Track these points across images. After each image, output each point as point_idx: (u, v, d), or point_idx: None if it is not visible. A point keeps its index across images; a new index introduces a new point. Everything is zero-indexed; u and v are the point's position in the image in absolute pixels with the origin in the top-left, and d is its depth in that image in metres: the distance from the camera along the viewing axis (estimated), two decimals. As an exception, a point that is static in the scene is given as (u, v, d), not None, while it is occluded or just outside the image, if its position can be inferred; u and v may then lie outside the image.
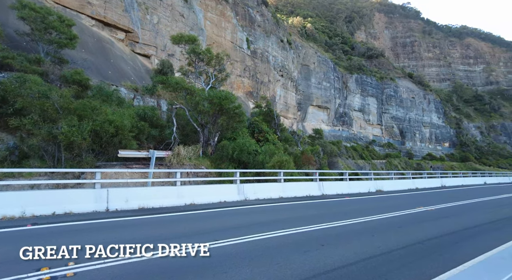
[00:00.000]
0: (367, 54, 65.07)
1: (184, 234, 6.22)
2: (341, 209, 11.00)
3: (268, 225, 7.47)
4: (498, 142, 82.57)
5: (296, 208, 11.02)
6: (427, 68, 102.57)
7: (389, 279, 4.34)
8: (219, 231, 6.63)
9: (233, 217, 8.66)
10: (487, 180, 30.97)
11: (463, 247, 6.27)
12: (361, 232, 7.28)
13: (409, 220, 9.25)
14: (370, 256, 5.30)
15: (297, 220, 8.21)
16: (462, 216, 10.44)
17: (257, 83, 33.07)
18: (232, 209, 9.86)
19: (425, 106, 66.80)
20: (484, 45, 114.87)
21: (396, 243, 6.28)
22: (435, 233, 7.49)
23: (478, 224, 8.98)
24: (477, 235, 7.51)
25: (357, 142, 51.25)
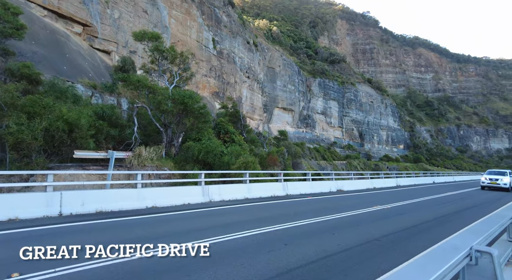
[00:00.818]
0: (329, 59, 67.62)
1: (140, 238, 5.95)
2: (304, 209, 11.25)
3: (232, 226, 7.41)
4: (444, 144, 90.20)
5: (261, 208, 11.07)
6: (384, 74, 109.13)
7: (349, 274, 4.50)
8: (179, 234, 6.44)
9: (196, 219, 8.47)
10: (435, 180, 33.61)
11: (414, 242, 6.71)
12: (323, 231, 7.49)
13: (367, 218, 9.71)
14: (331, 254, 5.46)
15: (262, 221, 8.24)
16: (414, 213, 11.19)
17: (223, 84, 32.87)
18: (196, 211, 9.64)
19: (383, 110, 70.93)
20: (433, 55, 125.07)
21: (355, 241, 6.55)
22: (391, 229, 7.94)
23: (428, 220, 9.68)
24: (427, 230, 8.09)
25: (320, 144, 52.96)
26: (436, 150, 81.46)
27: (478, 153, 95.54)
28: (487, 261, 1.85)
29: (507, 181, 21.24)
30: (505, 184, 21.20)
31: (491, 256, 1.83)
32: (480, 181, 23.27)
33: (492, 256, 1.83)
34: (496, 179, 21.83)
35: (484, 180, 22.60)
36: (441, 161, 74.67)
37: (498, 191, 21.12)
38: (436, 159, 74.89)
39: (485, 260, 1.85)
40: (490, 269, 1.83)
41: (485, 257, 1.86)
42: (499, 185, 21.34)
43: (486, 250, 1.85)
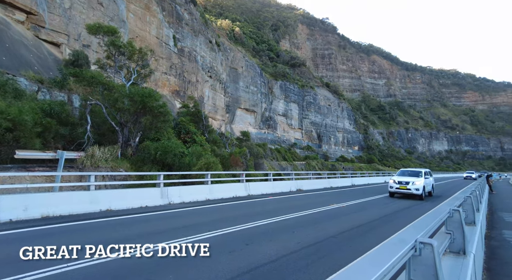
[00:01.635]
0: (290, 63, 69.37)
1: (88, 243, 5.59)
2: (265, 208, 11.40)
3: (193, 228, 7.28)
4: (395, 146, 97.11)
5: (222, 209, 11.01)
6: (341, 79, 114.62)
7: (307, 271, 4.66)
8: (136, 238, 6.17)
9: (154, 222, 8.17)
10: (386, 179, 36.04)
11: (368, 238, 7.14)
12: (283, 230, 7.66)
13: (325, 216, 10.12)
14: (292, 252, 5.61)
15: (223, 221, 8.21)
16: (367, 210, 11.89)
17: (185, 83, 32.10)
18: (154, 214, 9.30)
19: (339, 113, 74.42)
20: (386, 63, 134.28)
21: (314, 238, 6.80)
22: (346, 227, 8.36)
23: (380, 216, 10.36)
24: (379, 227, 8.65)
25: (281, 145, 54.05)
26: (387, 152, 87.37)
27: (423, 154, 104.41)
28: (428, 251, 2.04)
29: (419, 185, 15.88)
30: (417, 189, 15.76)
31: (432, 247, 2.02)
32: (388, 185, 17.24)
33: (432, 246, 2.02)
34: (406, 182, 16.19)
35: (393, 184, 16.68)
36: (392, 162, 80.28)
37: (408, 199, 15.86)
38: (387, 160, 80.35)
39: (427, 251, 2.04)
40: (431, 258, 2.02)
41: (427, 248, 2.04)
42: (410, 191, 15.87)
43: (428, 241, 2.03)
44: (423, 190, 15.77)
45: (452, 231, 3.75)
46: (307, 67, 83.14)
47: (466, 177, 48.04)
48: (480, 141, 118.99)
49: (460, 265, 3.32)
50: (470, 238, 4.63)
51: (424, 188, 15.95)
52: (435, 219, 3.04)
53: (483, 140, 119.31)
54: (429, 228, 2.67)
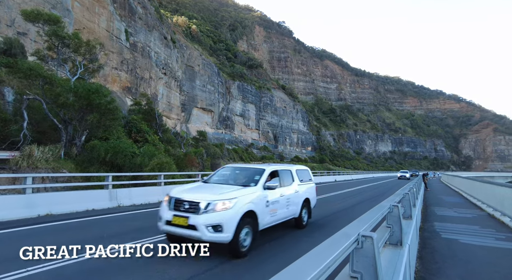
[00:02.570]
0: (248, 64, 69.90)
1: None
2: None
3: (146, 231, 6.98)
4: (345, 147, 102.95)
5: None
6: (296, 82, 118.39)
7: (259, 268, 4.73)
8: (77, 245, 5.73)
9: (98, 227, 7.66)
10: (337, 178, 38.06)
11: (321, 234, 7.48)
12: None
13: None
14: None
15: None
16: (319, 208, 12.45)
17: (137, 79, 30.58)
18: (101, 218, 8.72)
19: (294, 115, 76.83)
20: (337, 68, 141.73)
21: (266, 238, 6.93)
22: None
23: (331, 213, 10.91)
24: (331, 223, 9.10)
25: (238, 145, 54.19)
26: (338, 152, 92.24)
27: (370, 155, 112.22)
28: (369, 244, 2.20)
29: None
30: None
31: (372, 239, 2.19)
32: None
33: (372, 239, 2.19)
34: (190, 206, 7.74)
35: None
36: (342, 162, 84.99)
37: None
38: (338, 160, 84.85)
39: (368, 243, 2.20)
40: (371, 250, 2.18)
41: (368, 241, 2.21)
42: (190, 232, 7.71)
43: (368, 234, 2.20)
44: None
45: (392, 225, 4.09)
46: (264, 69, 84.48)
47: (400, 177, 46.41)
48: (419, 143, 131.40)
49: (398, 255, 3.64)
50: (407, 231, 5.09)
51: None
52: (377, 214, 3.29)
53: (420, 142, 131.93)
54: (371, 223, 2.88)
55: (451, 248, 6.95)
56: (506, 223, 9.97)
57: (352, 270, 2.25)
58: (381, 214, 3.54)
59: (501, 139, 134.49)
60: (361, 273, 2.21)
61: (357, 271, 2.23)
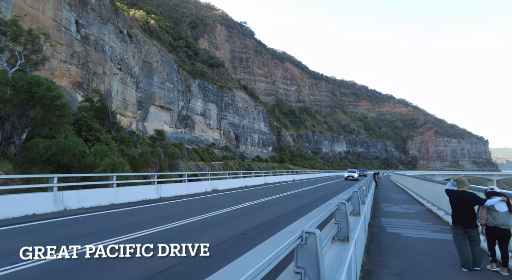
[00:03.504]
0: (209, 62, 69.01)
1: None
2: (177, 210, 11.05)
3: (91, 236, 6.56)
4: (303, 147, 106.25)
5: (129, 214, 10.22)
6: (258, 83, 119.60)
7: (211, 269, 4.69)
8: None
9: (40, 233, 7.05)
10: (295, 177, 39.17)
11: (274, 231, 7.62)
12: (194, 230, 7.56)
13: (237, 214, 10.39)
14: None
15: (127, 227, 7.63)
16: (276, 206, 12.69)
17: (89, 74, 28.60)
18: (42, 223, 8.03)
19: (256, 115, 77.53)
20: (297, 71, 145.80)
21: (225, 236, 6.91)
22: (257, 223, 8.75)
23: (287, 212, 11.18)
24: (285, 221, 9.32)
25: (198, 145, 53.25)
26: (297, 152, 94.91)
27: (326, 155, 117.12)
28: (312, 240, 2.29)
29: None
30: None
31: (315, 235, 2.28)
32: None
33: (315, 235, 2.28)
34: None
35: None
36: (301, 161, 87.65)
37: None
38: (297, 160, 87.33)
39: (311, 239, 2.29)
40: (314, 245, 2.28)
41: (311, 237, 2.29)
42: None
43: (311, 231, 2.29)
44: None
45: (340, 222, 4.30)
46: (226, 68, 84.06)
47: (347, 177, 39.07)
48: (371, 143, 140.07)
49: (344, 250, 3.84)
50: (355, 227, 5.39)
51: None
52: (323, 211, 3.44)
53: (373, 143, 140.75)
54: (317, 219, 3.00)
55: (394, 242, 7.51)
56: (441, 216, 11.03)
57: (297, 266, 2.32)
58: (328, 211, 3.70)
59: (441, 141, 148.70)
60: (304, 268, 2.30)
61: (301, 266, 2.31)
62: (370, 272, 5.26)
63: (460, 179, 5.72)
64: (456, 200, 5.58)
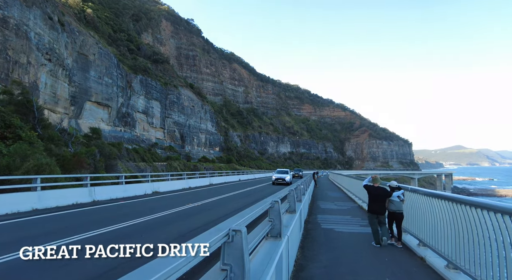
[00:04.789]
0: (153, 58, 65.86)
1: None
2: (112, 214, 10.38)
3: (5, 246, 5.83)
4: (250, 148, 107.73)
5: (55, 219, 9.30)
6: (205, 82, 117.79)
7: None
8: None
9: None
10: (241, 177, 39.52)
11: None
12: (130, 235, 7.20)
13: (178, 216, 10.14)
14: (133, 259, 5.32)
15: (53, 234, 6.94)
16: (220, 207, 12.69)
17: (8, 62, 25.14)
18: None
19: (202, 115, 76.27)
20: (244, 72, 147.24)
21: (163, 240, 6.70)
22: (198, 224, 8.65)
23: (229, 212, 11.24)
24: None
25: (140, 145, 50.47)
26: (244, 153, 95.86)
27: (272, 155, 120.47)
28: (239, 237, 2.38)
29: None
30: None
31: (241, 233, 2.37)
32: None
33: (241, 232, 2.37)
34: None
35: None
36: (247, 162, 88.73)
37: None
38: (244, 160, 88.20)
39: (238, 237, 2.38)
40: (240, 242, 2.37)
41: (238, 235, 2.38)
42: None
43: (238, 228, 2.38)
44: None
45: (273, 219, 4.50)
46: (171, 65, 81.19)
47: (276, 180, 28.75)
48: (313, 145, 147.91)
49: (276, 246, 4.03)
50: (289, 223, 5.69)
51: None
52: (254, 210, 3.58)
53: (314, 144, 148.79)
54: (248, 217, 3.12)
55: (327, 237, 8.08)
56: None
57: (223, 263, 2.39)
58: (261, 209, 3.86)
59: (374, 143, 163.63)
60: (230, 265, 2.37)
61: (227, 263, 2.38)
62: (303, 266, 5.59)
63: (375, 177, 7.38)
64: (373, 193, 7.12)
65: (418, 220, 6.78)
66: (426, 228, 6.24)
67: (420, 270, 5.42)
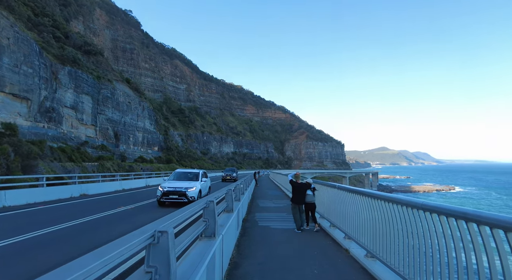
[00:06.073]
0: (84, 49, 59.91)
1: None
2: (25, 222, 9.19)
3: None
4: (192, 148, 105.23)
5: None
6: (143, 77, 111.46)
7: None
8: None
9: None
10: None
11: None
12: (45, 245, 6.47)
13: (106, 221, 9.45)
14: (52, 267, 4.81)
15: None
16: (156, 209, 12.15)
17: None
18: None
19: (140, 112, 71.98)
20: (187, 69, 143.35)
21: (87, 246, 6.17)
22: (128, 229, 8.15)
23: (164, 214, 10.83)
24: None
25: (67, 143, 45.51)
26: (185, 153, 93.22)
27: (215, 155, 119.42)
28: (165, 238, 2.33)
29: None
30: None
31: (168, 234, 2.33)
32: None
33: (168, 233, 2.33)
34: None
35: None
36: (189, 162, 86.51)
37: None
38: (185, 160, 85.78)
39: (164, 238, 2.33)
40: (166, 243, 2.32)
41: (164, 235, 2.33)
42: None
43: (164, 229, 2.33)
44: None
45: (208, 219, 4.49)
46: (105, 58, 75.04)
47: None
48: (255, 145, 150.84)
49: (209, 246, 4.03)
50: (225, 223, 5.73)
51: None
52: (186, 211, 3.53)
53: (256, 145, 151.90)
54: (178, 218, 3.07)
55: (263, 234, 8.33)
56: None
57: (148, 265, 2.31)
58: (193, 210, 3.82)
59: (310, 144, 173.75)
60: (156, 267, 2.31)
61: (152, 265, 2.31)
62: (238, 264, 5.68)
63: (298, 175, 9.31)
64: (296, 188, 8.87)
65: (331, 210, 8.56)
66: (350, 223, 6.86)
67: (344, 261, 5.94)
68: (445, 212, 3.21)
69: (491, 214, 2.59)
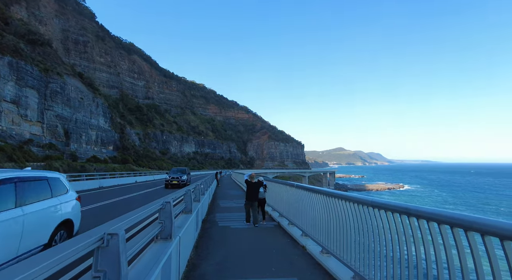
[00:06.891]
0: (28, 38, 54.75)
1: None
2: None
3: None
4: (151, 147, 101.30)
5: None
6: (98, 72, 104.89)
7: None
8: None
9: None
10: (138, 179, 36.76)
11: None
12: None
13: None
14: None
15: None
16: (112, 212, 11.51)
17: None
18: None
19: (94, 109, 67.66)
20: (146, 65, 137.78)
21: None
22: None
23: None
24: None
25: (7, 141, 41.31)
26: (143, 152, 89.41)
27: (175, 155, 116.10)
28: (115, 241, 2.23)
29: None
30: None
31: (118, 236, 2.23)
32: None
33: (118, 235, 2.23)
34: None
35: None
36: (147, 162, 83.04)
37: None
38: (143, 160, 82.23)
39: (114, 241, 2.22)
40: (116, 246, 2.23)
41: (114, 238, 2.23)
42: None
43: (114, 232, 2.23)
44: None
45: (164, 221, 4.37)
46: (54, 49, 69.44)
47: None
48: (217, 145, 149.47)
49: (165, 248, 3.92)
50: (183, 224, 5.61)
51: None
52: (141, 212, 3.40)
53: (219, 145, 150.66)
54: (129, 220, 2.94)
55: (223, 234, 8.29)
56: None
57: (96, 270, 2.19)
58: (149, 211, 3.70)
59: (272, 144, 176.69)
60: (105, 271, 2.20)
61: (101, 270, 2.20)
62: (196, 265, 5.59)
63: (253, 175, 10.17)
64: (250, 186, 9.71)
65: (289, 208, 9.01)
66: (307, 220, 7.11)
67: (300, 257, 6.13)
68: (391, 208, 3.47)
69: (428, 209, 2.86)
